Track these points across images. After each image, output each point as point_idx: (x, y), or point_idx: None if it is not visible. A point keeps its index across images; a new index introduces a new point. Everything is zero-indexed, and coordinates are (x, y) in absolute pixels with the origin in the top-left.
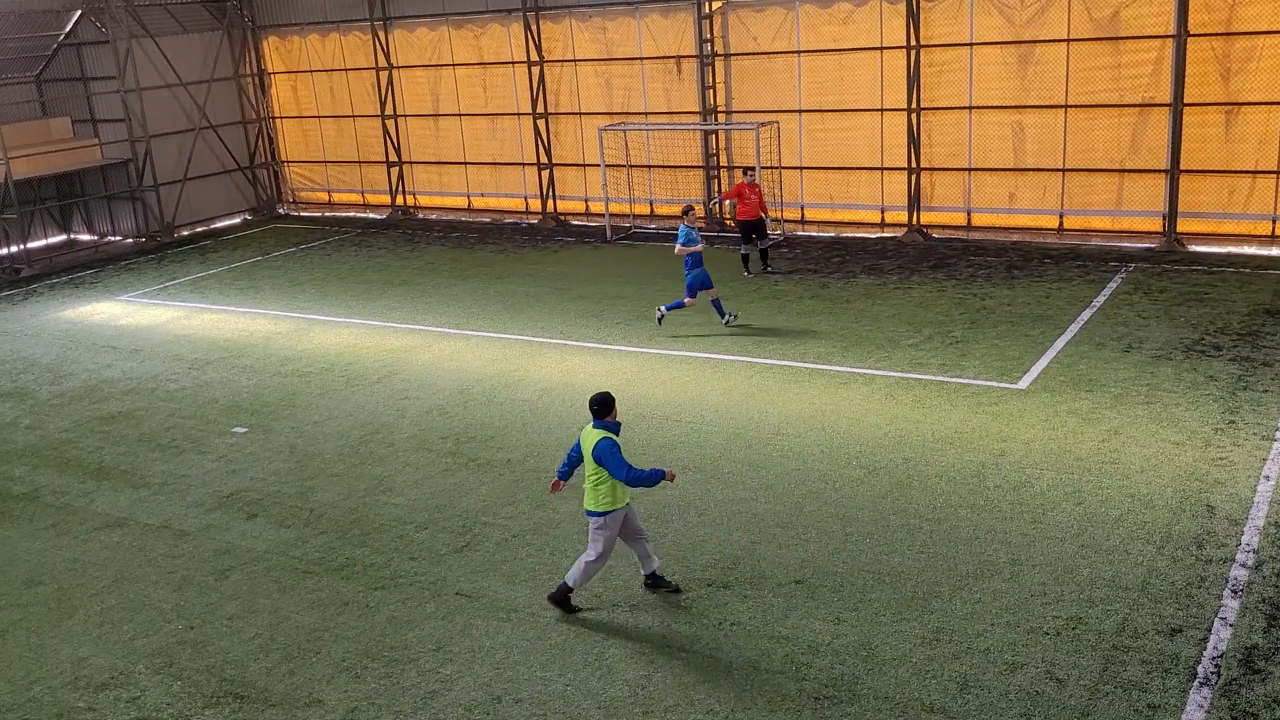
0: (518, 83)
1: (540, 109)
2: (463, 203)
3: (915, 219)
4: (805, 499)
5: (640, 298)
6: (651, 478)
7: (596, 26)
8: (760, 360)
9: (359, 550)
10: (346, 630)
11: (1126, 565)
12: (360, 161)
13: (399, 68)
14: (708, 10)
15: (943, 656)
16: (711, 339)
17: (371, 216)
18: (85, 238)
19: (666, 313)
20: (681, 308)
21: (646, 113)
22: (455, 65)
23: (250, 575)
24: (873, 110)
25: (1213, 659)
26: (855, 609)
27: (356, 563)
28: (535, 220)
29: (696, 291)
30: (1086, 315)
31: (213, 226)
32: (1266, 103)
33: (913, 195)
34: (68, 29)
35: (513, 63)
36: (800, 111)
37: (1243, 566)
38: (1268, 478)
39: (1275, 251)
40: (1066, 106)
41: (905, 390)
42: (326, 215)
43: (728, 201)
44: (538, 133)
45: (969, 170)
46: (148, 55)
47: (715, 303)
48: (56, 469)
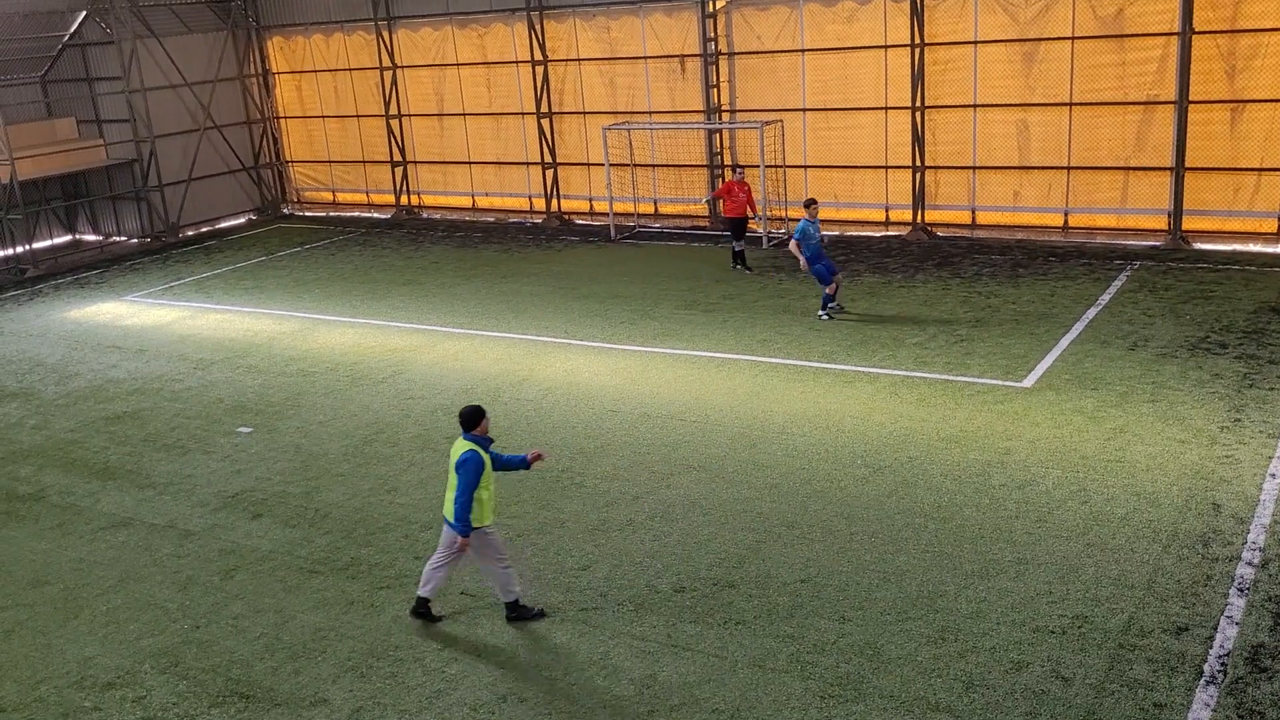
0: (522, 82)
1: (544, 108)
2: (467, 202)
3: (920, 217)
4: (810, 498)
5: (644, 297)
6: (462, 526)
7: (600, 26)
8: (765, 359)
9: (364, 550)
10: (352, 630)
11: (1132, 564)
12: (365, 161)
13: (403, 67)
14: (711, 9)
15: (948, 655)
16: (715, 338)
17: (376, 216)
18: (90, 238)
19: (825, 313)
20: (831, 300)
21: (650, 112)
22: (459, 65)
23: (255, 575)
24: (877, 109)
25: (1219, 657)
26: (861, 608)
27: (361, 562)
28: (539, 220)
29: (828, 279)
30: (1092, 313)
31: (217, 227)
32: (1272, 100)
33: (917, 193)
34: (73, 29)
35: (517, 62)
36: (804, 110)
37: (1249, 565)
38: (1274, 475)
39: None
40: (1071, 104)
41: (910, 389)
42: (331, 215)
43: (719, 200)
44: (542, 132)
45: (973, 168)
46: (152, 56)
47: (825, 297)
48: (62, 469)
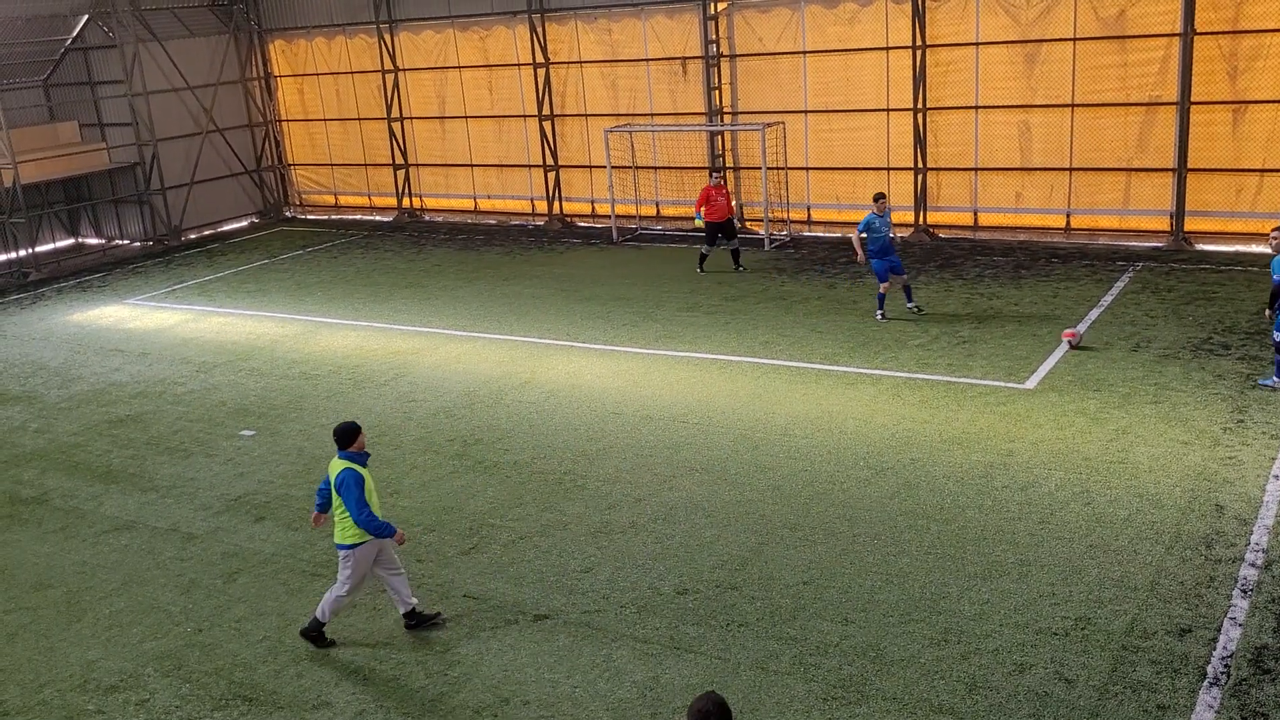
0: (523, 85)
1: (546, 111)
2: (469, 205)
3: (922, 219)
4: (812, 500)
5: (647, 299)
6: (381, 529)
7: (602, 28)
8: (767, 361)
9: None
10: (354, 633)
11: (1135, 565)
12: (367, 164)
13: (405, 70)
14: (713, 11)
15: (951, 657)
16: (717, 340)
17: (378, 219)
18: (93, 241)
19: (881, 313)
20: (883, 300)
21: (652, 114)
22: (461, 68)
23: (258, 578)
24: (879, 110)
25: (1222, 659)
26: (863, 610)
27: None
28: (541, 222)
29: (885, 276)
30: (1094, 314)
31: (220, 230)
32: (1273, 101)
33: (919, 195)
34: (75, 33)
35: (518, 65)
36: (806, 112)
37: (1252, 566)
38: (1277, 477)
39: None
40: (1073, 106)
41: (912, 390)
42: (333, 218)
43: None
44: (544, 134)
45: (975, 170)
46: (154, 59)
47: (879, 296)
48: (65, 472)
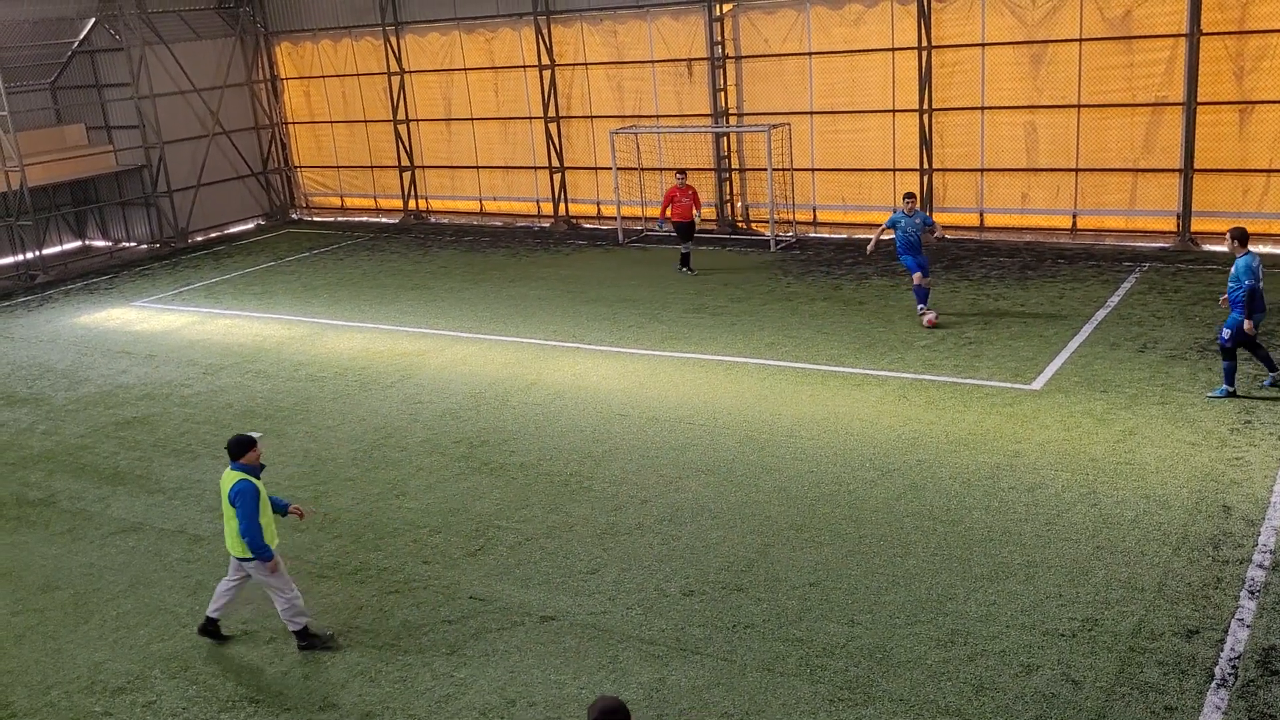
0: (529, 86)
1: (552, 112)
2: (475, 207)
3: None
4: (819, 501)
5: (652, 300)
6: (260, 550)
7: (607, 30)
8: (773, 362)
9: (373, 554)
10: (360, 634)
11: (1142, 566)
12: (373, 166)
13: (411, 72)
14: (718, 13)
15: (958, 659)
16: (723, 341)
17: (384, 221)
18: (100, 244)
19: (922, 310)
20: (924, 294)
21: (658, 115)
22: (467, 69)
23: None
24: (884, 111)
25: (1230, 660)
26: (870, 611)
27: (370, 567)
28: (547, 224)
29: (914, 269)
30: (1101, 315)
31: (226, 232)
32: None
33: (925, 196)
34: (82, 36)
35: (524, 66)
36: (812, 113)
37: (1259, 567)
38: None
39: None
40: (1079, 106)
41: (919, 392)
42: (339, 220)
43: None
44: (549, 136)
45: (981, 171)
46: (161, 62)
47: (917, 290)
48: (72, 474)
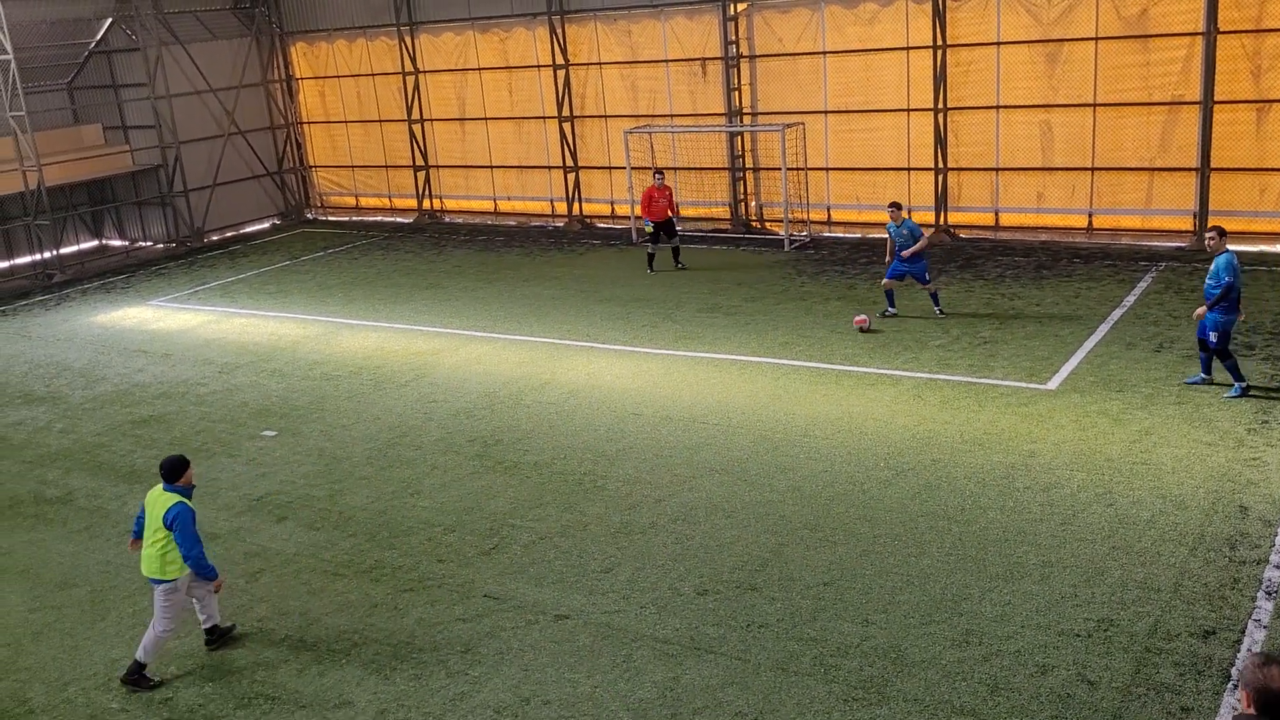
0: (543, 86)
1: (566, 112)
2: (489, 206)
3: (942, 219)
4: (833, 501)
5: (666, 300)
6: (207, 571)
7: (621, 29)
8: (787, 362)
9: (388, 553)
10: (376, 632)
11: (1158, 567)
12: (387, 166)
13: (425, 72)
14: (733, 12)
15: (973, 659)
16: (737, 341)
17: (399, 221)
18: (117, 243)
19: (938, 308)
20: (935, 297)
21: (672, 115)
22: (481, 69)
23: (280, 577)
24: (899, 110)
25: None
26: (884, 611)
27: (385, 565)
28: (561, 223)
29: (891, 273)
30: (1117, 315)
31: (242, 231)
32: None
33: (940, 195)
34: (99, 37)
35: (538, 66)
36: (826, 112)
37: (1276, 568)
38: None
39: None
40: (1095, 105)
41: (933, 391)
42: (354, 220)
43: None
44: (563, 136)
45: (996, 170)
46: (177, 62)
47: (889, 294)
48: (89, 472)
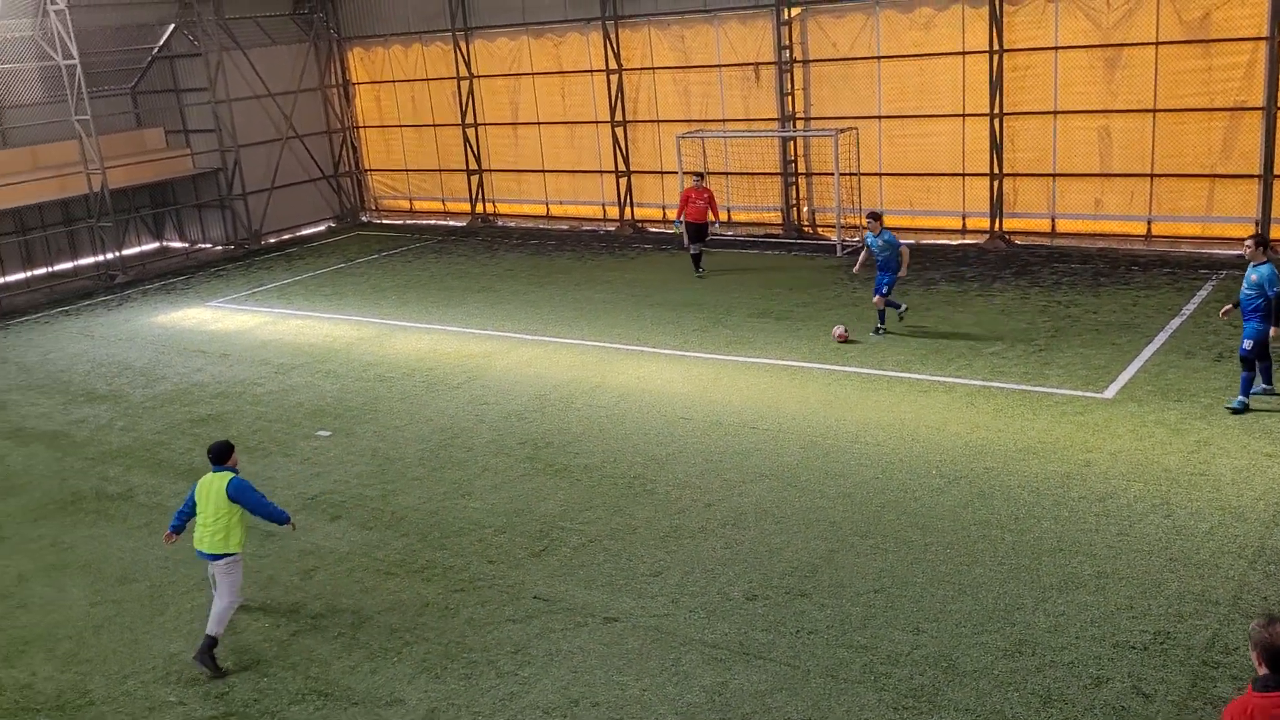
0: (596, 91)
1: (618, 117)
2: (541, 210)
3: (998, 225)
4: (884, 508)
5: (717, 305)
6: (282, 515)
7: (675, 34)
8: (838, 368)
9: (439, 553)
10: (427, 631)
11: (1217, 579)
12: (441, 170)
13: (479, 77)
14: (787, 17)
15: (1025, 669)
16: (788, 346)
17: (452, 224)
18: (177, 245)
19: (878, 328)
20: (881, 315)
21: (724, 120)
22: (534, 74)
23: (334, 576)
24: (954, 116)
25: None
26: (935, 619)
27: (436, 565)
28: (612, 228)
29: (878, 289)
30: (1175, 324)
31: (298, 234)
32: None
33: (995, 201)
34: (161, 42)
35: (591, 71)
36: (880, 118)
37: None
38: None
39: None
40: (1155, 111)
41: (986, 399)
42: (408, 223)
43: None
44: (616, 140)
45: (1053, 176)
46: (237, 67)
47: (880, 312)
48: (149, 470)
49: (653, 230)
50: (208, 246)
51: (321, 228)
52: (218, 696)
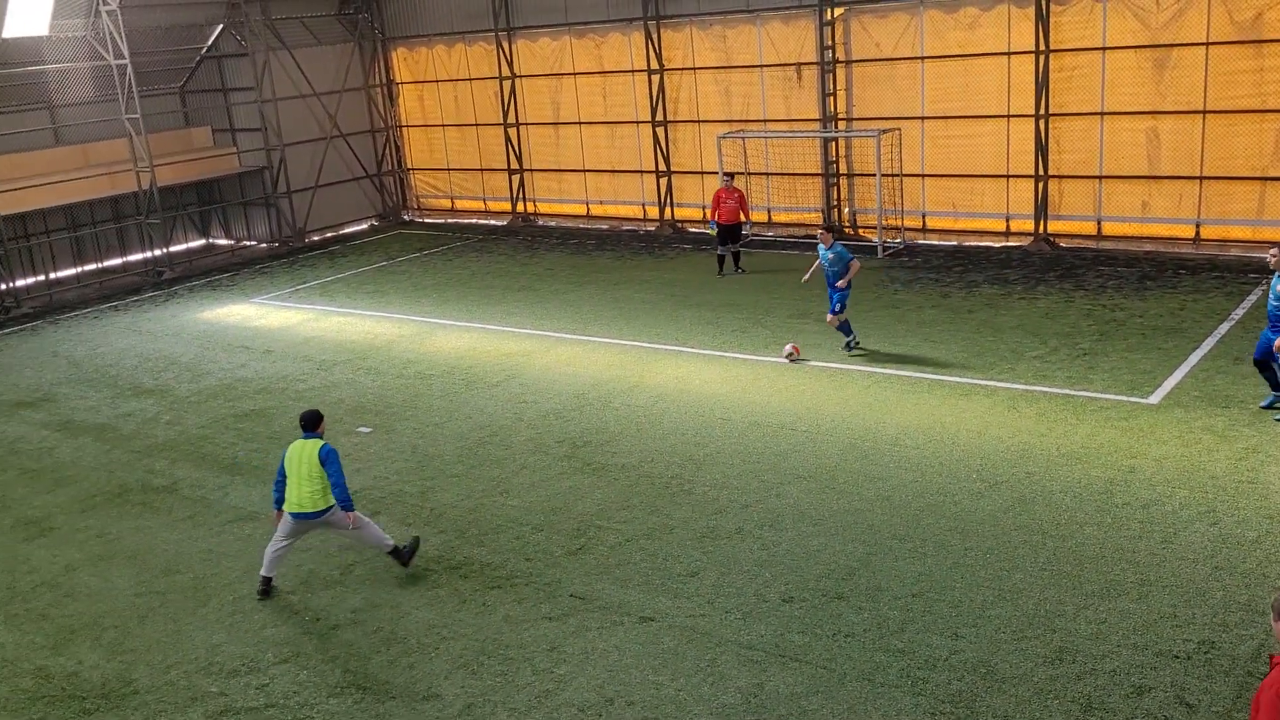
0: (637, 91)
1: (659, 117)
2: (581, 210)
3: (1042, 228)
4: (923, 511)
5: (756, 306)
6: (350, 501)
7: (717, 34)
8: (878, 370)
9: (476, 550)
10: (464, 628)
11: (1264, 589)
12: (482, 169)
13: (521, 77)
14: (829, 17)
15: (1066, 677)
16: (828, 348)
17: (493, 223)
18: (223, 242)
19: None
20: (846, 327)
21: (765, 120)
22: (576, 74)
23: (373, 571)
24: (999, 116)
25: None
26: (974, 625)
27: (474, 562)
28: (652, 227)
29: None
30: (1224, 329)
31: (341, 232)
32: None
33: (1040, 203)
34: (210, 42)
35: (632, 71)
36: (923, 118)
37: None
38: None
39: None
40: (1205, 112)
41: (1029, 403)
42: (449, 222)
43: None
44: (656, 140)
45: (1100, 178)
46: (283, 67)
47: (844, 325)
48: (194, 463)
49: (692, 230)
50: (252, 244)
51: (364, 226)
52: (258, 688)
